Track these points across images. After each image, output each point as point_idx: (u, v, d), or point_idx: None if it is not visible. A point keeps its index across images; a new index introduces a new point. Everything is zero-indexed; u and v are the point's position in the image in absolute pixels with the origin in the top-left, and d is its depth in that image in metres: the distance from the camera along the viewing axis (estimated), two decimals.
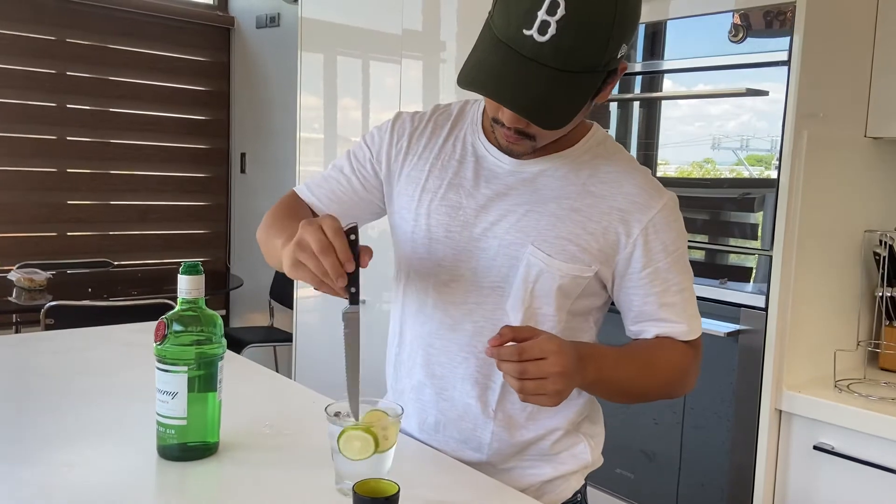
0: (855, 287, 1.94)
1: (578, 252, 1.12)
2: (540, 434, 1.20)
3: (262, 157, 4.65)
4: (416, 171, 1.22)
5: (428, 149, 1.22)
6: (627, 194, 1.14)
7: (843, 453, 1.69)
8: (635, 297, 1.16)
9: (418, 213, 1.20)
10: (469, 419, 1.20)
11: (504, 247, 1.14)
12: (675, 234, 1.15)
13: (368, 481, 0.91)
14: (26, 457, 1.11)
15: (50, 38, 4.20)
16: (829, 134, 1.80)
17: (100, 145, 4.40)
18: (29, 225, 4.23)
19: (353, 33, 3.06)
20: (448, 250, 1.17)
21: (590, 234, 1.12)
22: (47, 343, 1.78)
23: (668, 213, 1.14)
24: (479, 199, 1.16)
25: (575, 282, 1.14)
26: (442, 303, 1.19)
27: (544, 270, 1.12)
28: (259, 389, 1.52)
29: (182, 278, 1.10)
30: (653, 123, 2.08)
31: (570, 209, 1.13)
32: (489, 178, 1.17)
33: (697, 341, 1.20)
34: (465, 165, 1.19)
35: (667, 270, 1.14)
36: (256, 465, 1.12)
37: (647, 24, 2.02)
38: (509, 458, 1.21)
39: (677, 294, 1.16)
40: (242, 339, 3.89)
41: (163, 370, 1.09)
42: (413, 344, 1.24)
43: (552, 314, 1.15)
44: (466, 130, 1.22)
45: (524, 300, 1.14)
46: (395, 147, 1.24)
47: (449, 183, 1.19)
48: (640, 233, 1.13)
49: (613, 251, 1.13)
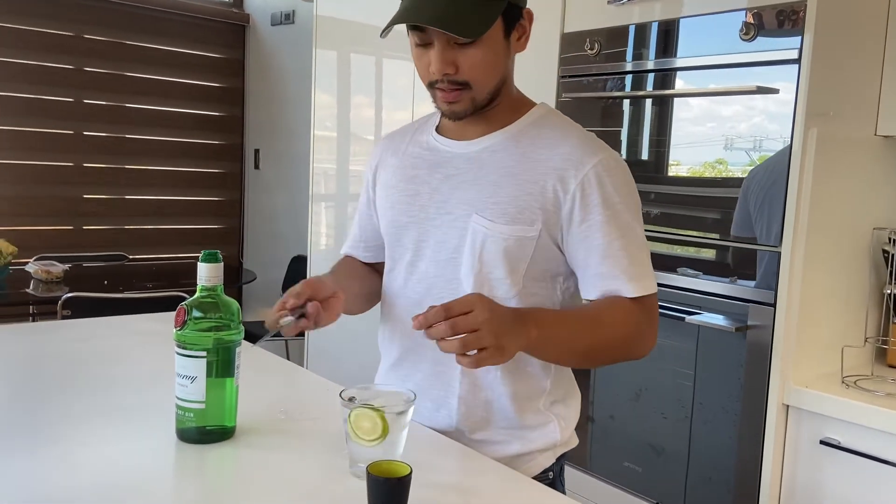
0: (863, 284, 1.95)
1: (517, 213, 1.18)
2: (503, 394, 1.24)
3: (275, 153, 4.69)
4: (383, 176, 1.37)
5: (395, 157, 1.36)
6: (563, 153, 1.19)
7: (850, 448, 1.71)
8: (578, 252, 1.20)
9: (385, 208, 1.34)
10: (439, 386, 1.27)
11: (453, 220, 1.24)
12: (612, 188, 1.18)
13: (381, 463, 0.94)
14: (49, 437, 1.15)
15: (68, 33, 4.25)
16: (839, 132, 1.82)
17: (116, 140, 4.45)
18: (46, 218, 4.29)
19: (367, 31, 3.09)
20: (412, 233, 1.29)
21: (528, 195, 1.18)
22: (66, 331, 1.82)
23: (604, 167, 1.18)
24: (433, 184, 1.27)
25: (520, 244, 1.19)
26: (411, 282, 1.29)
27: (488, 235, 1.20)
28: (274, 377, 1.55)
29: (202, 266, 1.13)
30: (664, 123, 2.09)
31: (507, 174, 1.21)
32: (441, 164, 1.28)
33: (647, 300, 1.20)
34: (421, 159, 1.31)
35: (606, 223, 1.17)
36: (272, 449, 1.15)
37: (660, 21, 2.04)
38: (479, 426, 1.25)
39: (620, 249, 1.18)
40: (255, 333, 3.92)
41: (182, 355, 1.12)
42: (390, 326, 1.35)
43: (503, 277, 1.20)
44: (424, 134, 1.35)
45: (474, 266, 1.21)
46: (372, 170, 1.41)
47: (408, 177, 1.31)
48: (576, 187, 1.17)
49: (555, 208, 1.18)
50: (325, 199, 3.36)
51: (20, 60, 4.12)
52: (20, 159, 4.17)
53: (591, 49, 2.18)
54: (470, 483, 1.09)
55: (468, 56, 1.15)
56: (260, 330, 4.52)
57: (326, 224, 3.36)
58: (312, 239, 3.37)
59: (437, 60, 1.15)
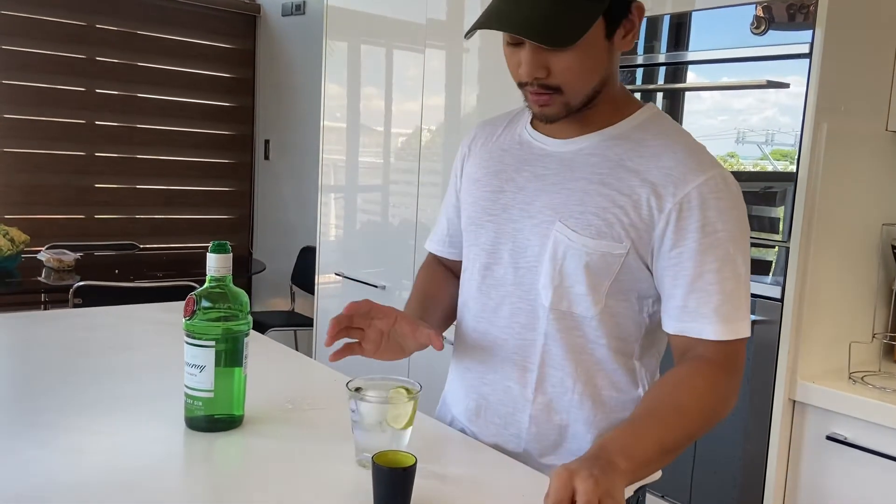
0: (872, 280, 1.95)
1: (604, 227, 1.08)
2: (578, 419, 1.15)
3: (285, 143, 4.71)
4: (470, 167, 1.28)
5: (485, 148, 1.27)
6: (664, 167, 1.07)
7: (856, 444, 1.71)
8: (665, 279, 1.08)
9: (468, 203, 1.26)
10: (508, 402, 1.19)
11: (536, 226, 1.14)
12: (715, 213, 1.05)
13: (387, 453, 0.95)
14: (58, 425, 1.16)
15: (80, 23, 4.27)
16: (850, 127, 1.81)
17: (127, 130, 4.47)
18: (57, 207, 4.31)
19: (377, 22, 3.09)
20: (490, 234, 1.20)
21: (618, 208, 1.08)
22: (78, 320, 1.83)
23: (711, 188, 1.05)
24: (519, 182, 1.18)
25: (605, 260, 1.09)
26: (485, 286, 1.21)
27: (570, 247, 1.10)
28: (282, 368, 1.57)
29: (211, 256, 1.14)
30: (676, 116, 2.09)
31: (599, 183, 1.10)
32: (531, 162, 1.18)
33: (733, 346, 1.06)
34: (510, 153, 1.22)
35: (701, 252, 1.05)
36: (279, 438, 1.16)
37: (672, 14, 2.03)
38: (548, 450, 1.18)
39: (713, 284, 1.04)
40: (264, 323, 3.94)
41: (191, 344, 1.13)
42: (463, 329, 1.27)
43: (584, 294, 1.11)
44: (518, 125, 1.25)
45: (553, 279, 1.12)
46: (461, 160, 1.33)
47: (494, 171, 1.22)
48: (672, 206, 1.05)
49: (647, 227, 1.07)
50: (334, 190, 3.37)
51: (33, 50, 4.14)
52: (32, 148, 4.19)
53: None
54: (474, 474, 1.10)
55: (561, 60, 1.04)
56: (268, 320, 4.53)
57: (336, 215, 3.37)
58: (322, 230, 3.39)
59: (526, 63, 1.05)
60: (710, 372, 1.06)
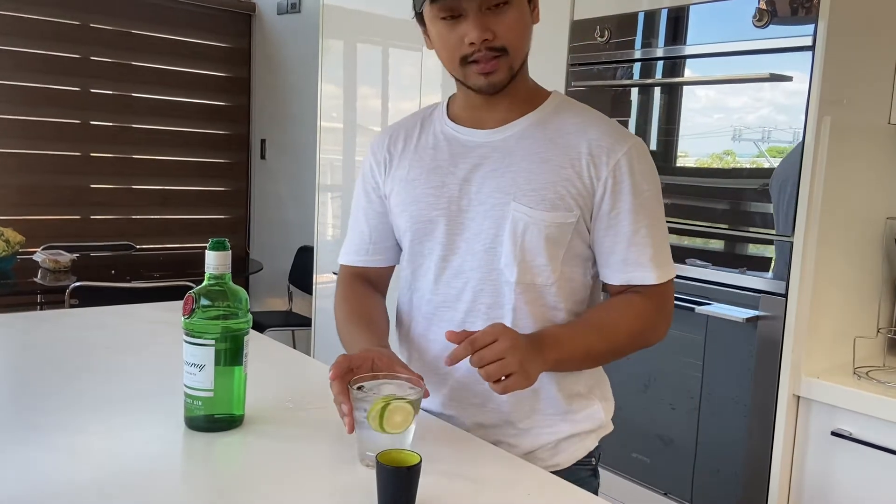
0: (876, 274, 1.94)
1: (557, 199, 1.18)
2: (548, 383, 1.24)
3: (281, 143, 4.69)
4: (399, 170, 1.31)
5: (406, 149, 1.31)
6: (592, 139, 1.20)
7: (861, 439, 1.69)
8: (605, 238, 1.21)
9: (407, 203, 1.28)
10: (483, 382, 1.22)
11: (489, 209, 1.21)
12: (640, 176, 1.20)
13: (391, 452, 0.93)
14: (57, 425, 1.14)
15: (74, 22, 4.24)
16: (853, 120, 1.80)
17: (122, 130, 4.45)
18: (53, 207, 4.29)
19: (374, 20, 3.07)
20: (442, 227, 1.24)
21: (566, 180, 1.18)
22: (75, 320, 1.82)
23: (634, 155, 1.19)
24: (459, 175, 1.24)
25: (561, 230, 1.19)
26: (445, 277, 1.26)
27: (529, 223, 1.18)
28: (282, 367, 1.55)
29: (209, 254, 1.13)
30: (673, 112, 2.07)
31: (541, 161, 1.20)
32: (464, 154, 1.25)
33: (662, 287, 1.22)
34: (439, 150, 1.27)
35: (634, 211, 1.19)
36: (280, 438, 1.15)
37: (670, 8, 2.02)
38: (528, 415, 1.25)
39: (646, 237, 1.20)
40: (262, 323, 3.93)
41: (190, 343, 1.12)
42: (423, 323, 1.29)
43: (545, 264, 1.20)
44: (435, 123, 1.31)
45: (516, 255, 1.20)
46: (380, 165, 1.34)
47: (429, 168, 1.27)
48: (608, 174, 1.18)
49: (590, 193, 1.19)
50: (331, 190, 3.35)
51: (27, 50, 4.12)
52: (27, 149, 4.17)
53: (600, 37, 2.16)
54: (478, 472, 1.08)
55: (503, 20, 1.14)
56: (266, 320, 4.52)
57: (333, 214, 3.35)
58: (319, 229, 3.37)
59: (474, 28, 1.13)
60: (641, 304, 1.21)
